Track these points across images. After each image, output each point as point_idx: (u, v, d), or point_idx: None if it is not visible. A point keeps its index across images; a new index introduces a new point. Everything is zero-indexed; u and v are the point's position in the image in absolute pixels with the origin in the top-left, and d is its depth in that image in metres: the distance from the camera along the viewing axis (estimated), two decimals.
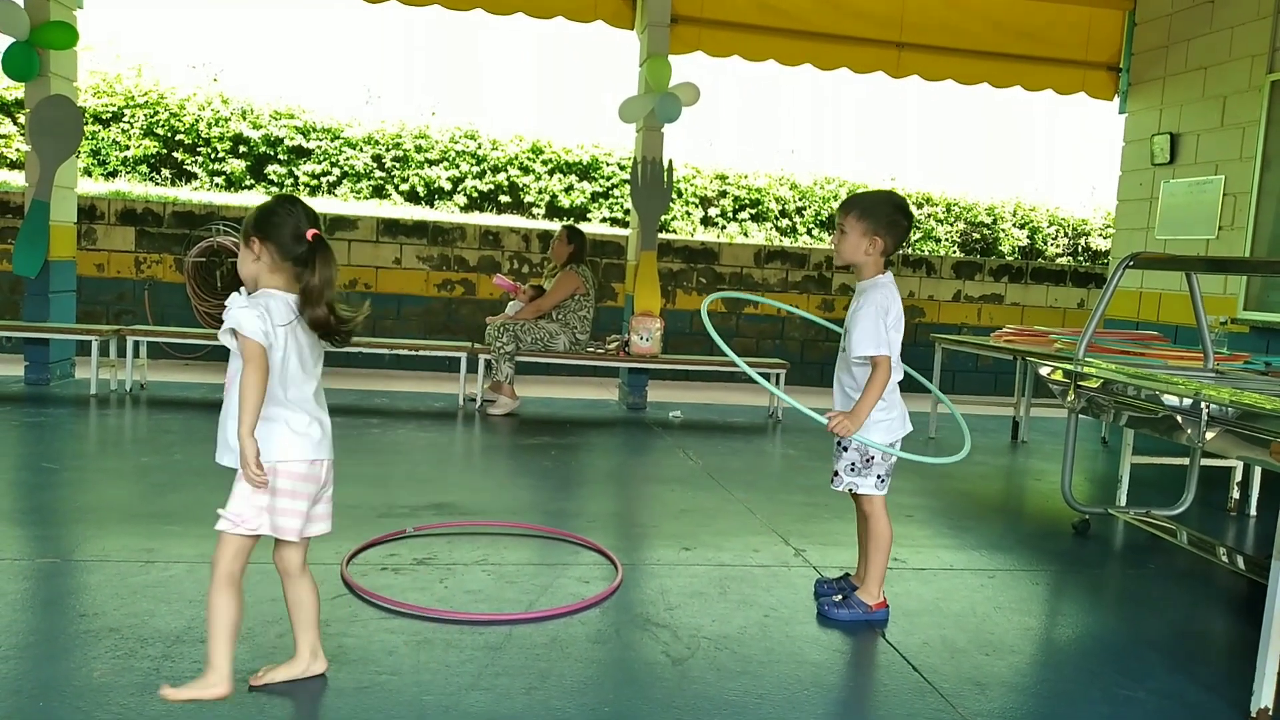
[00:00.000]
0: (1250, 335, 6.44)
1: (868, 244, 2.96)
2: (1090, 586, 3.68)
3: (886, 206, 2.98)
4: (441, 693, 2.35)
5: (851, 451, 3.02)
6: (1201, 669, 2.82)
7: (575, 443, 5.83)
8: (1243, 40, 6.73)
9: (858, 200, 3.01)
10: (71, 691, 2.23)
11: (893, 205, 3.00)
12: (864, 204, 2.98)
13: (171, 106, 10.26)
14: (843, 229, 2.99)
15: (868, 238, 2.96)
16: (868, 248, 2.96)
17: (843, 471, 3.05)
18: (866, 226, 2.95)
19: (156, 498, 3.96)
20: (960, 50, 7.86)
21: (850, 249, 2.98)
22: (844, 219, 2.99)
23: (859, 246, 2.97)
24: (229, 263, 8.40)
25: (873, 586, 3.06)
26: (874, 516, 3.06)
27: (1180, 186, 7.24)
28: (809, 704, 2.42)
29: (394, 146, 10.75)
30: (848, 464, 3.04)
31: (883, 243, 2.96)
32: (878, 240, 2.95)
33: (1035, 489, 5.35)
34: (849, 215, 2.98)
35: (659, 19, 7.00)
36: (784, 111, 15.01)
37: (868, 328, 2.91)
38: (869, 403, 2.92)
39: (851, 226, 2.97)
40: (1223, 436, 3.24)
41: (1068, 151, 16.50)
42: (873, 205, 2.97)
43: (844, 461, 3.04)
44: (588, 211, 11.05)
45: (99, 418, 5.72)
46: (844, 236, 2.99)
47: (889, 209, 2.97)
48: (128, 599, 2.81)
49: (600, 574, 3.35)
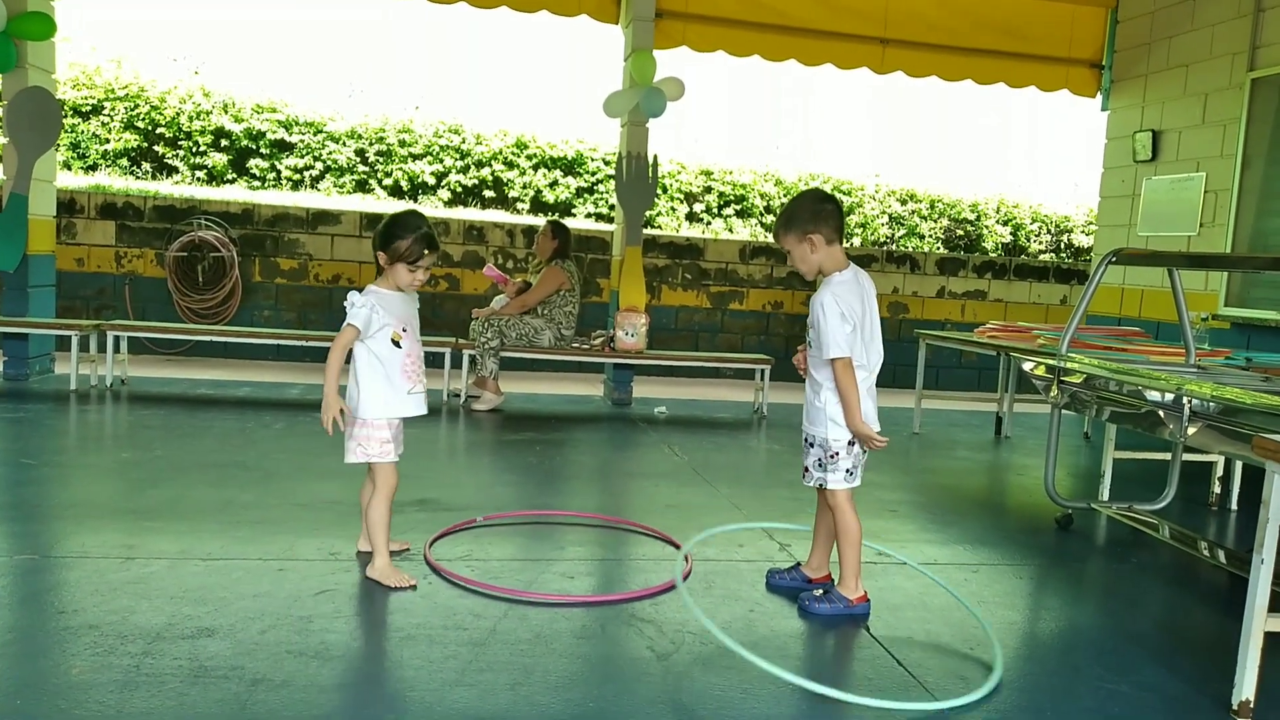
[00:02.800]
0: (1231, 331, 6.49)
1: (808, 246, 2.99)
2: (1073, 581, 3.69)
3: (804, 203, 3.03)
4: (425, 689, 2.34)
5: (816, 448, 3.04)
6: (1183, 662, 2.84)
7: (560, 438, 5.82)
8: (1224, 38, 6.77)
9: (780, 217, 3.08)
10: (50, 689, 2.21)
11: (810, 198, 3.05)
12: (785, 217, 3.05)
13: (152, 99, 10.17)
14: (786, 250, 3.05)
15: (804, 241, 2.99)
16: (810, 248, 2.99)
17: (811, 467, 3.07)
18: (797, 232, 3.00)
19: (136, 494, 3.92)
20: (944, 47, 7.88)
21: (800, 259, 3.02)
22: (782, 241, 3.05)
23: (804, 252, 3.00)
24: (210, 257, 8.34)
25: (850, 581, 3.06)
26: (839, 510, 3.06)
27: (1162, 183, 7.28)
28: (794, 698, 2.42)
29: (377, 141, 10.69)
30: (815, 460, 3.06)
31: (819, 234, 2.97)
32: (812, 237, 2.98)
33: (1018, 484, 5.38)
34: (781, 235, 3.05)
35: (643, 13, 6.99)
36: (769, 108, 15.02)
37: (829, 328, 2.92)
38: (854, 406, 2.95)
39: (788, 241, 3.03)
40: (1204, 431, 3.26)
41: (1050, 149, 16.59)
42: (793, 211, 3.03)
43: (811, 457, 3.07)
44: (572, 207, 11.03)
45: (79, 413, 5.67)
46: (791, 254, 3.05)
47: (807, 203, 3.02)
48: (107, 595, 2.78)
49: (584, 569, 3.34)
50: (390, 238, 3.02)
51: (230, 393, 6.59)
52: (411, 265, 3.03)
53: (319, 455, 4.78)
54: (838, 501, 3.06)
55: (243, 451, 4.82)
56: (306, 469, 4.52)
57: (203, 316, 8.40)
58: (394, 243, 3.01)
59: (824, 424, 3.01)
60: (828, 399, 3.01)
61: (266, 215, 8.61)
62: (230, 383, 7.03)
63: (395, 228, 3.03)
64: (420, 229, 3.02)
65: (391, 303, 3.07)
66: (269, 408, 6.08)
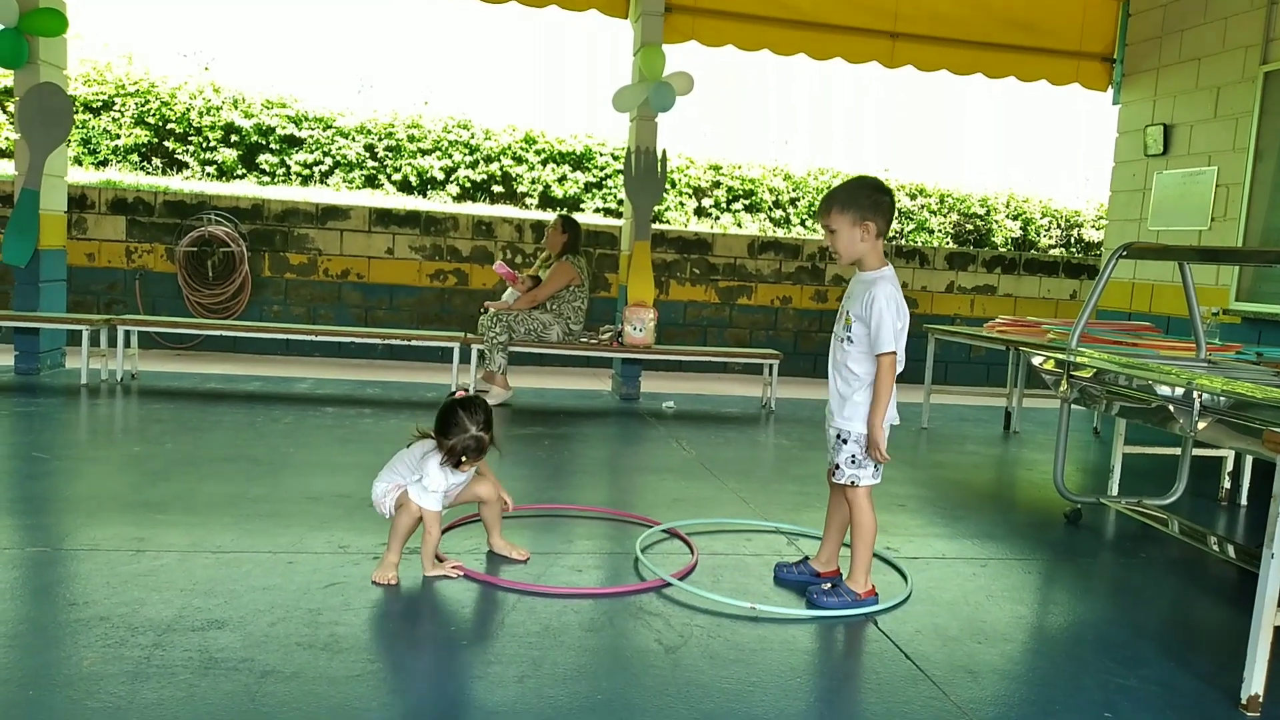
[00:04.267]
0: (1242, 326, 6.45)
1: (860, 232, 2.94)
2: (1082, 575, 3.69)
3: (865, 190, 2.96)
4: (434, 681, 2.35)
5: (852, 444, 3.01)
6: (1193, 657, 2.83)
7: (568, 433, 5.82)
8: (1236, 31, 6.72)
9: (835, 195, 2.99)
10: (61, 680, 2.22)
11: (870, 186, 2.99)
12: (842, 196, 2.97)
13: (162, 95, 10.20)
14: (830, 228, 2.97)
15: (858, 226, 2.94)
16: (862, 235, 2.94)
17: (844, 464, 3.03)
18: (853, 216, 2.94)
19: (147, 487, 3.94)
20: (954, 40, 7.85)
21: (846, 244, 2.96)
22: (828, 218, 2.97)
23: (854, 238, 2.95)
24: (220, 252, 8.37)
25: (860, 575, 3.06)
26: (859, 507, 3.05)
27: (1173, 177, 7.24)
28: (801, 691, 2.42)
29: (386, 136, 10.70)
30: (848, 456, 3.02)
31: (874, 225, 2.94)
32: (869, 225, 2.93)
33: (1027, 479, 5.37)
34: (832, 212, 2.96)
35: (653, 8, 6.98)
36: (778, 102, 14.98)
37: (889, 323, 2.90)
38: (880, 409, 2.94)
39: (838, 221, 2.95)
40: (1215, 426, 3.24)
41: (1061, 143, 16.51)
42: (851, 193, 2.96)
43: (845, 454, 3.03)
44: (581, 202, 11.03)
45: (89, 407, 5.70)
46: (835, 235, 2.97)
47: (868, 191, 2.96)
48: (118, 588, 2.80)
49: (592, 562, 3.35)
50: (445, 429, 2.99)
51: (240, 387, 6.62)
52: (455, 466, 3.00)
53: (329, 449, 4.79)
54: (858, 497, 3.04)
55: (252, 445, 4.84)
56: (316, 463, 4.53)
57: (212, 311, 8.43)
58: (443, 439, 2.98)
59: (862, 420, 2.98)
60: (867, 394, 2.98)
61: (276, 210, 8.63)
62: (240, 377, 7.06)
63: (448, 424, 2.98)
64: (468, 431, 2.96)
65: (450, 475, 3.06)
66: (279, 402, 6.10)
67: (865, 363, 2.97)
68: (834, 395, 3.07)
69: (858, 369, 2.99)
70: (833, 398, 3.07)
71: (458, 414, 2.97)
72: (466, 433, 2.95)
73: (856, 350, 2.98)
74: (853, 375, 3.00)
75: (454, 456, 2.95)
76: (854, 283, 3.07)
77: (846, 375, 3.02)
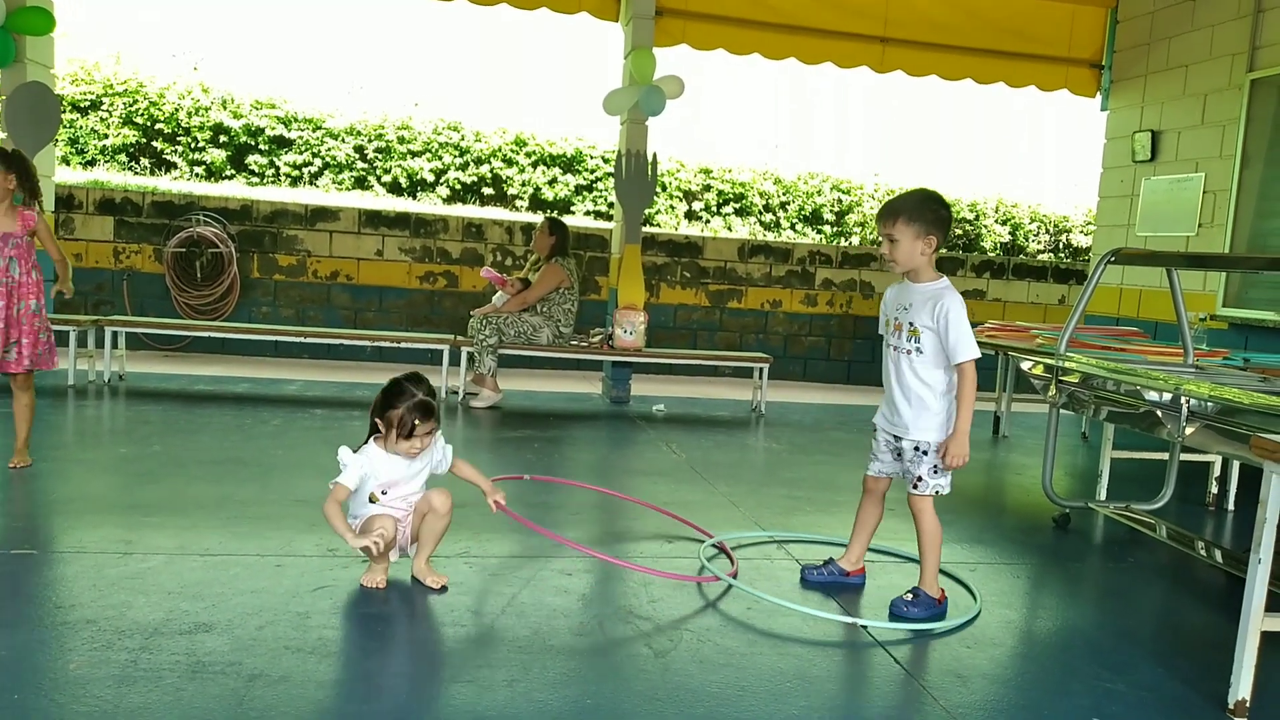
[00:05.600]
0: (1229, 331, 6.49)
1: (923, 245, 2.99)
2: (1070, 580, 3.70)
3: (930, 204, 3.01)
4: (423, 685, 2.34)
5: (933, 454, 3.02)
6: (1180, 661, 2.84)
7: (558, 436, 5.82)
8: (1223, 39, 6.77)
9: (901, 206, 3.00)
10: (48, 684, 2.21)
11: (936, 201, 3.03)
12: (909, 208, 2.99)
13: (151, 95, 10.15)
14: (891, 237, 2.99)
15: (921, 239, 2.98)
16: (923, 248, 2.99)
17: (926, 475, 3.04)
18: (918, 229, 2.97)
19: (134, 489, 3.92)
20: (944, 46, 7.88)
21: (907, 254, 2.99)
22: (892, 227, 2.99)
23: (915, 250, 2.99)
24: (208, 253, 8.33)
25: (933, 581, 3.09)
26: (927, 514, 3.07)
27: (1161, 184, 7.29)
28: (791, 696, 2.42)
29: (376, 137, 10.67)
30: (930, 467, 3.03)
31: (936, 239, 2.99)
32: (932, 239, 2.99)
33: (1016, 483, 5.38)
34: (898, 222, 2.98)
35: (643, 11, 6.98)
36: (768, 106, 15.01)
37: (967, 331, 2.94)
38: (969, 414, 2.97)
39: (902, 232, 2.98)
40: (1202, 431, 3.26)
41: (1049, 149, 16.58)
42: (917, 206, 2.99)
43: (926, 465, 3.03)
44: (571, 204, 11.02)
45: (77, 409, 5.66)
46: (896, 244, 2.99)
47: (933, 205, 3.01)
48: (104, 590, 2.78)
49: (582, 566, 3.34)
50: (385, 406, 2.86)
51: (228, 389, 6.59)
52: (406, 436, 2.86)
53: (317, 451, 4.78)
54: (929, 506, 3.06)
55: (241, 447, 4.82)
56: (305, 465, 4.52)
57: (201, 312, 8.39)
58: (388, 412, 2.85)
59: (940, 429, 3.01)
60: (943, 403, 3.00)
61: (265, 211, 8.60)
62: (228, 379, 7.03)
63: (390, 395, 2.87)
64: (414, 396, 2.84)
65: (384, 464, 2.91)
66: (267, 404, 6.08)
67: (937, 372, 3.00)
68: (901, 408, 3.06)
69: (930, 379, 3.01)
70: (899, 410, 3.06)
71: (399, 384, 2.90)
72: (413, 398, 2.84)
73: (927, 360, 3.00)
74: (925, 386, 3.01)
75: (403, 428, 2.83)
76: (905, 293, 3.07)
77: (918, 386, 3.02)
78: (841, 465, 5.33)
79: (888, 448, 3.17)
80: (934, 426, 3.02)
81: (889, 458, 3.18)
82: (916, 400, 3.03)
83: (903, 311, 3.06)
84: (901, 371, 3.05)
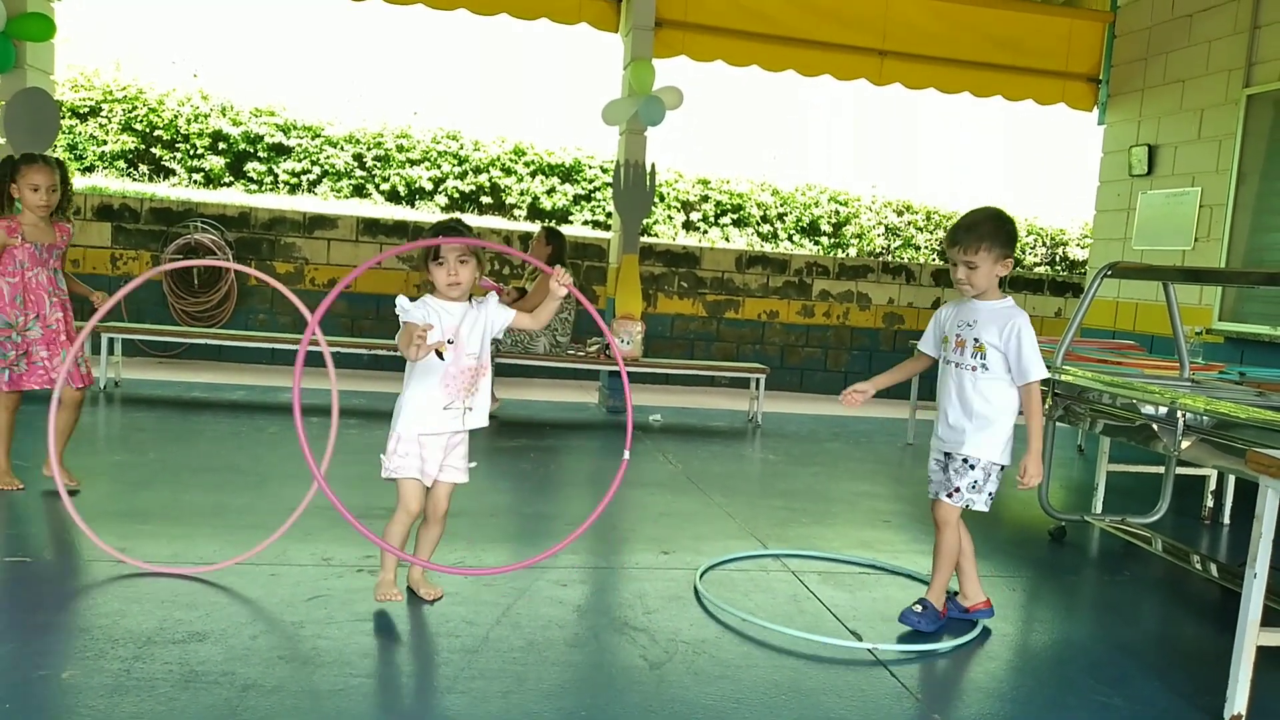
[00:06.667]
0: (1225, 345, 6.50)
1: (1000, 267, 2.99)
2: (1066, 593, 3.70)
3: (1007, 224, 3.00)
4: (418, 696, 2.33)
5: (979, 470, 3.01)
6: (1176, 675, 2.84)
7: (554, 445, 5.81)
8: (1220, 54, 6.80)
9: (982, 231, 2.96)
10: (41, 694, 2.20)
11: (1010, 223, 3.02)
12: (990, 232, 2.96)
13: (150, 102, 10.17)
14: (971, 264, 2.96)
15: (1000, 262, 2.98)
16: (1000, 271, 3.00)
17: (964, 489, 3.02)
18: (998, 254, 2.97)
19: (129, 497, 3.91)
20: (942, 59, 7.90)
21: (985, 278, 2.99)
22: (974, 255, 2.95)
23: (993, 273, 2.99)
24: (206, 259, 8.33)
25: (941, 592, 3.08)
26: (953, 527, 3.06)
27: (1157, 198, 7.31)
28: (786, 708, 2.41)
29: (375, 146, 10.69)
30: (971, 482, 3.02)
31: (1012, 260, 3.02)
32: (1009, 261, 3.00)
33: (1012, 496, 5.38)
34: (984, 248, 2.95)
35: (643, 22, 7.00)
36: (766, 118, 15.04)
37: (1036, 351, 2.95)
38: (1040, 432, 3.00)
39: (984, 257, 2.95)
40: (1198, 445, 3.27)
41: (1046, 162, 16.62)
42: (996, 231, 2.97)
43: (968, 479, 3.01)
44: (569, 214, 11.04)
45: None
46: (976, 270, 2.97)
47: (1009, 225, 3.01)
48: (98, 599, 2.77)
49: (577, 576, 3.34)
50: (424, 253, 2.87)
51: (224, 396, 6.57)
52: (436, 261, 2.84)
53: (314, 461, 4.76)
54: (954, 519, 3.05)
55: (236, 455, 4.81)
56: (300, 474, 4.50)
57: (197, 319, 8.38)
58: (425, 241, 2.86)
59: (995, 446, 2.99)
60: (1005, 420, 3.00)
61: (263, 219, 8.60)
62: (225, 386, 7.01)
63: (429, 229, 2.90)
64: (440, 223, 2.90)
65: (441, 312, 2.88)
66: (263, 411, 6.07)
67: (1000, 389, 2.99)
68: (958, 423, 3.02)
69: (994, 397, 2.99)
70: (957, 427, 3.03)
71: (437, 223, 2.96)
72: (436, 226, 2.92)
73: (992, 378, 2.98)
74: (987, 404, 2.99)
75: (432, 251, 2.85)
76: (968, 310, 3.05)
77: (981, 404, 2.99)
78: (837, 476, 5.33)
79: (939, 467, 3.12)
80: (992, 444, 2.99)
81: (940, 476, 3.12)
82: (979, 417, 2.99)
83: (966, 328, 3.02)
84: (964, 388, 3.01)
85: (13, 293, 3.88)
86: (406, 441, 2.86)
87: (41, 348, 3.96)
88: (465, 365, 2.88)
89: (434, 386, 2.86)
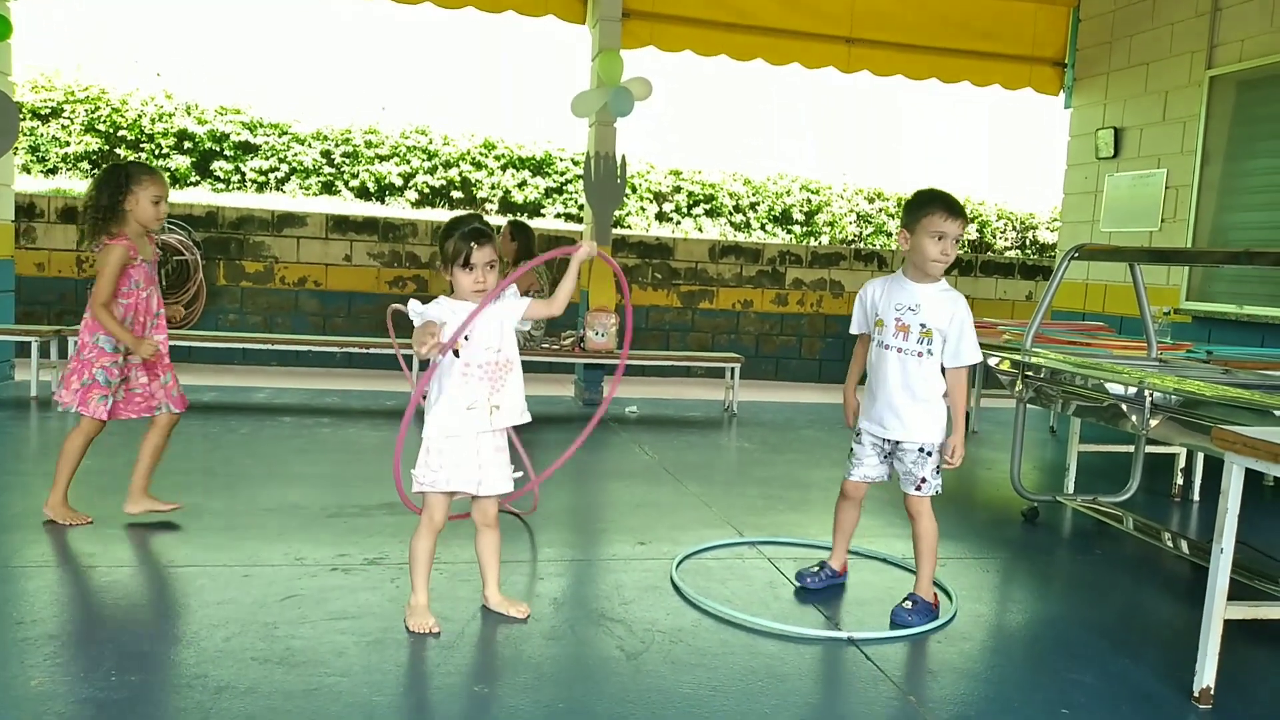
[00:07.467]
0: (1192, 325, 6.58)
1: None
2: (1039, 573, 3.73)
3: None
4: (392, 693, 2.32)
5: (935, 455, 3.02)
6: (1146, 651, 2.87)
7: (529, 439, 5.78)
8: (1183, 37, 6.87)
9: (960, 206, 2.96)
10: (9, 700, 2.17)
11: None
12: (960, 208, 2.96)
13: (113, 102, 10.03)
14: (959, 239, 2.95)
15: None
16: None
17: (930, 476, 3.02)
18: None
19: (99, 501, 3.86)
20: (909, 46, 7.93)
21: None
22: (964, 227, 2.95)
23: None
24: (174, 261, 8.24)
25: (929, 584, 3.09)
26: (927, 515, 3.06)
27: (1124, 180, 7.38)
28: (764, 695, 2.42)
29: (343, 142, 10.60)
30: (934, 468, 3.02)
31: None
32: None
33: (985, 478, 5.42)
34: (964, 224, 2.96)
35: (610, 13, 6.98)
36: (737, 108, 15.05)
37: (975, 337, 2.96)
38: (964, 412, 3.02)
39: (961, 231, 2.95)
40: (1166, 424, 3.31)
41: (1015, 146, 16.73)
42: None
43: (930, 466, 3.01)
44: (541, 207, 11.00)
45: (39, 420, 5.58)
46: (956, 244, 2.95)
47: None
48: (67, 605, 2.74)
49: (554, 570, 3.33)
50: (444, 241, 2.76)
51: (195, 398, 6.48)
52: (465, 266, 2.72)
53: (286, 460, 4.73)
54: (926, 508, 3.05)
55: (208, 457, 4.76)
56: (272, 474, 4.47)
57: (166, 321, 8.29)
58: (445, 244, 2.74)
59: (940, 427, 3.00)
60: (943, 403, 3.00)
61: (231, 218, 8.51)
62: (195, 387, 6.93)
63: (447, 230, 2.76)
64: (466, 225, 2.74)
65: (456, 309, 2.75)
66: (235, 412, 6.01)
67: (937, 371, 2.99)
68: (904, 410, 2.98)
69: (935, 380, 2.99)
70: (901, 413, 2.99)
71: (455, 220, 2.80)
72: (466, 225, 2.74)
73: (935, 362, 2.97)
74: (930, 388, 2.98)
75: (459, 256, 2.70)
76: (909, 294, 2.99)
77: (923, 388, 2.98)
78: (813, 463, 5.35)
79: (875, 451, 3.08)
80: (938, 425, 3.01)
81: (875, 461, 3.09)
82: (923, 401, 2.98)
83: (909, 313, 2.96)
84: (908, 373, 2.96)
85: (124, 315, 3.61)
86: (435, 453, 2.76)
87: (141, 373, 3.73)
88: (484, 360, 2.77)
89: (453, 386, 2.79)
